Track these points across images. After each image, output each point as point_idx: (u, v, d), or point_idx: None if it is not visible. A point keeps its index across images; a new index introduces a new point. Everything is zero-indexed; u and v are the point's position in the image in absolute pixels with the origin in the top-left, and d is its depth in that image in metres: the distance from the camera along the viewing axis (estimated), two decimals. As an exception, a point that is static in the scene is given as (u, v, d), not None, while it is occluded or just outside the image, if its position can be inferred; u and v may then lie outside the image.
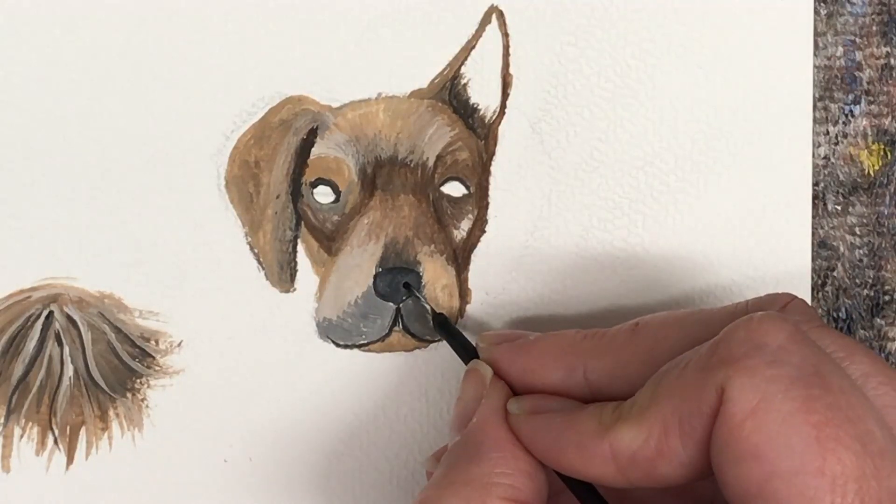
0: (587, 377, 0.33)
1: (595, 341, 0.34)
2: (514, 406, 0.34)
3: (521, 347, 0.35)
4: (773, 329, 0.29)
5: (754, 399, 0.27)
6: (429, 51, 0.40)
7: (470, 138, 0.40)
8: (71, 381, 0.40)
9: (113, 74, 0.39)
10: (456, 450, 0.33)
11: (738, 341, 0.29)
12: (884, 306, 0.41)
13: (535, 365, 0.34)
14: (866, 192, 0.41)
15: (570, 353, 0.34)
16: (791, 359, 0.28)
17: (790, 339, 0.29)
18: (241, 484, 0.40)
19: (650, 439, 0.29)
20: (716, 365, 0.28)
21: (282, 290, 0.40)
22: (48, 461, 0.40)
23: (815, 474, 0.26)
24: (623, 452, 0.30)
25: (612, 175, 0.40)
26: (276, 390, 0.40)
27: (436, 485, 0.32)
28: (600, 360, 0.33)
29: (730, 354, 0.29)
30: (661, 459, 0.29)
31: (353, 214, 0.40)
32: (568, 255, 0.40)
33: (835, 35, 0.40)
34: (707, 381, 0.28)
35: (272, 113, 0.40)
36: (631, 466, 0.30)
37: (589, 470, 0.31)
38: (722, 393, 0.28)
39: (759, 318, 0.29)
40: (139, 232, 0.40)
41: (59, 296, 0.40)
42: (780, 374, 0.28)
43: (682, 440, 0.29)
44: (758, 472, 0.27)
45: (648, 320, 0.34)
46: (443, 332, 0.39)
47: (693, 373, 0.29)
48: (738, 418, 0.27)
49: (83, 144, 0.39)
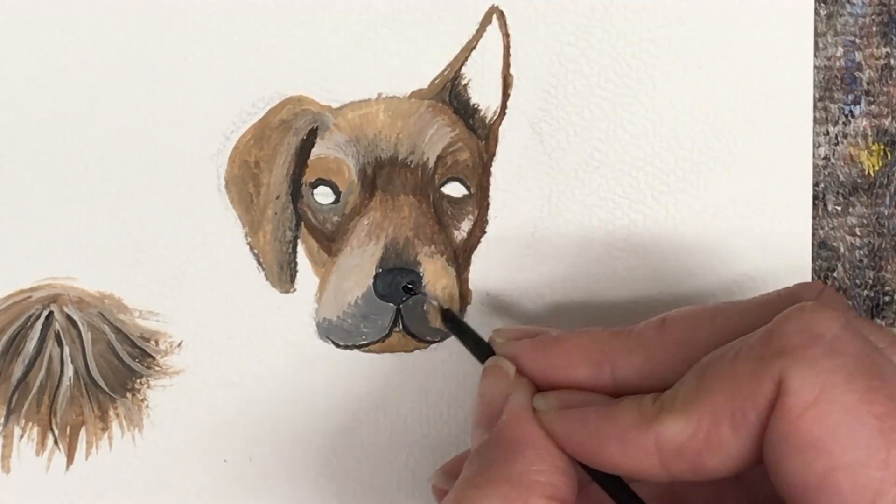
0: (615, 374, 0.33)
1: (622, 339, 0.33)
2: (541, 402, 0.32)
3: (545, 344, 0.34)
4: (826, 319, 0.28)
5: (815, 390, 0.27)
6: (429, 51, 0.40)
7: (470, 139, 0.40)
8: (71, 381, 0.40)
9: (113, 74, 0.39)
10: (487, 448, 0.32)
11: (794, 331, 0.28)
12: (884, 307, 0.41)
13: (561, 362, 0.33)
14: (866, 193, 0.41)
15: (597, 351, 0.33)
16: (848, 349, 0.28)
17: (844, 329, 0.28)
18: (241, 484, 0.40)
19: (699, 431, 0.29)
20: (771, 355, 0.28)
21: (282, 291, 0.40)
22: (48, 461, 0.40)
23: (880, 467, 0.26)
24: (669, 444, 0.29)
25: (613, 175, 0.40)
26: (276, 390, 0.40)
27: (472, 484, 0.31)
28: (629, 357, 0.33)
29: (786, 344, 0.28)
30: (709, 451, 0.29)
31: (354, 215, 0.40)
32: (568, 256, 0.40)
33: (835, 35, 0.40)
34: (763, 370, 0.28)
35: (272, 113, 0.40)
36: (676, 458, 0.29)
37: (631, 464, 0.30)
38: (780, 383, 0.27)
39: (812, 307, 0.29)
40: (139, 232, 0.40)
41: (59, 296, 0.40)
42: (840, 365, 0.27)
43: (733, 432, 0.28)
44: (819, 464, 0.27)
45: (676, 315, 0.33)
46: (452, 327, 0.38)
47: (746, 363, 0.28)
48: (798, 409, 0.27)
49: (83, 144, 0.39)
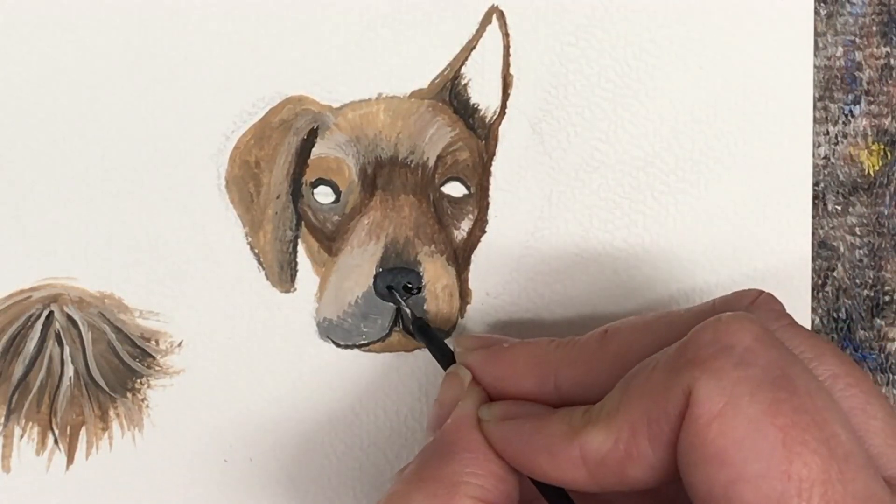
0: (558, 386, 0.33)
1: (566, 350, 0.34)
2: (485, 412, 0.33)
3: (494, 355, 0.35)
4: (739, 330, 0.29)
5: (721, 401, 0.27)
6: (429, 51, 0.40)
7: (470, 138, 0.40)
8: (71, 381, 0.40)
9: (113, 74, 0.39)
10: (428, 449, 0.33)
11: (705, 343, 0.29)
12: (884, 307, 0.41)
13: (508, 373, 0.34)
14: (866, 192, 0.41)
15: (541, 363, 0.34)
16: (758, 361, 0.28)
17: (757, 341, 0.28)
18: (241, 484, 0.40)
19: (619, 442, 0.29)
20: (683, 366, 0.28)
21: (282, 291, 0.40)
22: (48, 461, 0.40)
23: (781, 478, 0.26)
24: (593, 455, 0.30)
25: (613, 175, 0.40)
26: (276, 390, 0.40)
27: (405, 480, 0.32)
28: (570, 369, 0.33)
29: (696, 356, 0.28)
30: (629, 462, 0.29)
31: (354, 214, 0.40)
32: (568, 255, 0.40)
33: (835, 35, 0.41)
34: (674, 382, 0.28)
35: (272, 113, 0.40)
36: (601, 469, 0.30)
37: (560, 474, 0.31)
38: (689, 395, 0.28)
39: (727, 318, 0.29)
40: (139, 232, 0.40)
41: (60, 296, 0.40)
42: (747, 376, 0.28)
43: (650, 442, 0.29)
44: (723, 475, 0.27)
45: (617, 326, 0.34)
46: (422, 336, 0.39)
47: (660, 374, 0.29)
48: (704, 420, 0.27)
49: (83, 144, 0.39)
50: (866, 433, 0.30)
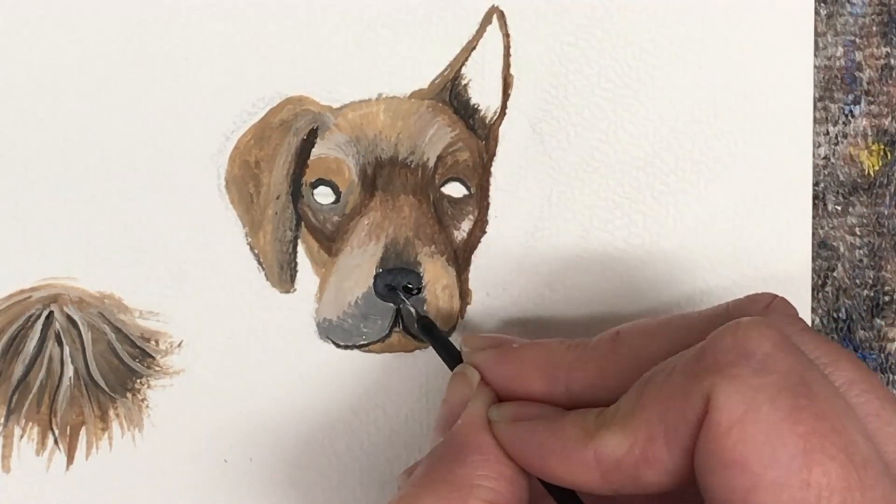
0: (569, 387, 0.33)
1: (577, 352, 0.34)
2: (495, 413, 0.33)
3: (504, 355, 0.35)
4: (759, 336, 0.29)
5: (741, 408, 0.27)
6: (429, 51, 0.40)
7: (470, 139, 0.40)
8: (71, 381, 0.40)
9: (113, 75, 0.39)
10: (439, 450, 0.33)
11: (725, 348, 0.29)
12: (884, 307, 0.41)
13: (518, 374, 0.34)
14: (866, 193, 0.41)
15: (552, 364, 0.34)
16: (777, 367, 0.28)
17: (776, 347, 0.28)
18: (241, 484, 0.40)
19: (635, 446, 0.29)
20: (702, 372, 0.28)
21: (282, 291, 0.40)
22: (48, 461, 0.40)
23: (801, 486, 0.26)
24: (607, 459, 0.29)
25: (613, 175, 0.40)
26: (276, 390, 0.40)
27: (416, 483, 0.32)
28: (582, 371, 0.33)
29: (716, 362, 0.28)
30: (645, 466, 0.29)
31: (354, 215, 0.40)
32: (568, 256, 0.40)
33: (835, 35, 0.41)
34: (693, 388, 0.28)
35: (272, 113, 0.40)
36: (615, 473, 0.29)
37: (573, 477, 0.30)
38: (708, 400, 0.28)
39: (746, 324, 0.29)
40: (139, 232, 0.40)
41: (60, 296, 0.40)
42: (767, 383, 0.28)
43: (667, 447, 0.29)
44: (742, 482, 0.27)
45: (629, 328, 0.34)
46: (428, 336, 0.39)
47: (679, 379, 0.29)
48: (724, 427, 0.27)
49: (83, 144, 0.39)
50: (881, 440, 0.29)
